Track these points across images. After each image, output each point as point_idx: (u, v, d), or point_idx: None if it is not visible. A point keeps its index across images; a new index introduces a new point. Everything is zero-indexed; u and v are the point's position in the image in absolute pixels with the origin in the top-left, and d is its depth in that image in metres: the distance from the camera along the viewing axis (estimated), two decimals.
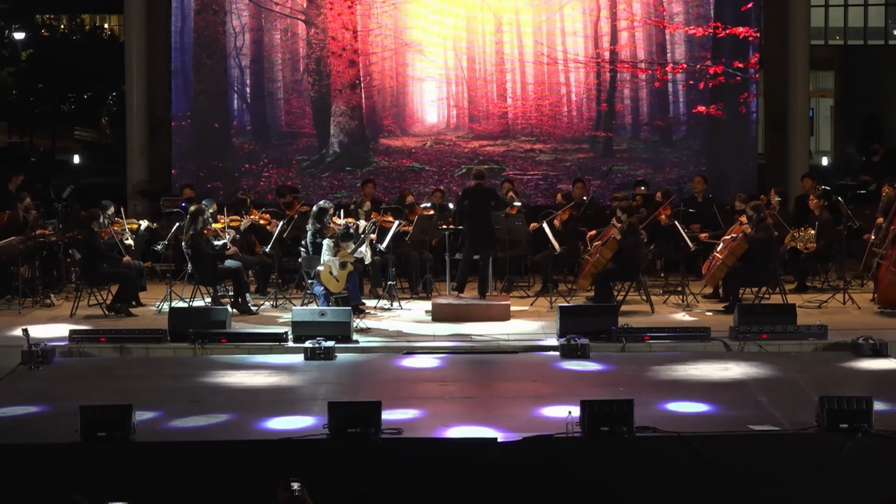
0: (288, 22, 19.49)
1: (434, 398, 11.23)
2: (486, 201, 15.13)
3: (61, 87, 43.87)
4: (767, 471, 9.43)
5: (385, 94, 19.53)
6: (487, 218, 15.10)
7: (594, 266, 14.86)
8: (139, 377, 11.98)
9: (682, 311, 14.89)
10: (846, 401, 9.60)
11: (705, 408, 10.70)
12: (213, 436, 9.94)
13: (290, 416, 10.43)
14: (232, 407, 10.77)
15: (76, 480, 9.06)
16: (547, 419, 10.19)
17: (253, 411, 10.59)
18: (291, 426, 10.05)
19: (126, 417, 9.58)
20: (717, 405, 10.77)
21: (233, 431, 10.07)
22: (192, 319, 13.41)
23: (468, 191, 15.29)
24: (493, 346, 13.26)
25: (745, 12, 19.20)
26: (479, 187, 15.14)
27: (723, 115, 19.27)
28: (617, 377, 11.92)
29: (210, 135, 19.38)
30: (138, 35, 19.44)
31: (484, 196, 15.12)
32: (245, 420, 10.38)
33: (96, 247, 14.84)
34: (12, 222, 15.89)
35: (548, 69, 19.41)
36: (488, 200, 15.17)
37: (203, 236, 14.80)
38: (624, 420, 9.56)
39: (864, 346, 12.59)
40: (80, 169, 36.82)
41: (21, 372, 12.13)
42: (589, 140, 19.44)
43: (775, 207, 16.51)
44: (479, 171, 15.46)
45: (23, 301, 15.14)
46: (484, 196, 15.12)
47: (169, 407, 10.78)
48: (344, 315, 13.36)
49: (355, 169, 19.34)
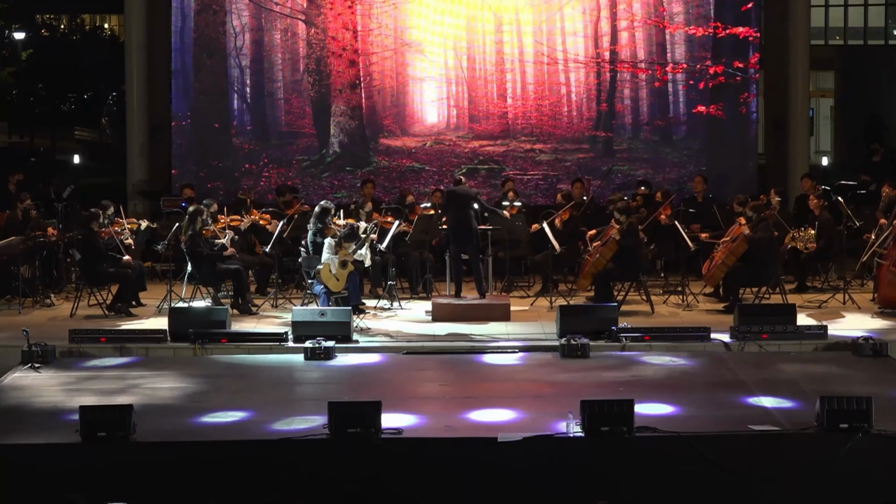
0: (288, 22, 19.49)
1: (434, 398, 11.23)
2: (465, 203, 15.10)
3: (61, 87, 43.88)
4: (767, 471, 9.43)
5: (385, 94, 19.53)
6: (467, 219, 15.03)
7: (594, 266, 14.86)
8: (139, 377, 11.97)
9: (682, 311, 14.89)
10: (846, 401, 9.60)
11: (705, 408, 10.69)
12: (213, 436, 9.94)
13: (289, 416, 10.42)
14: (232, 407, 10.76)
15: (76, 480, 9.07)
16: (547, 419, 10.18)
17: (253, 411, 10.58)
18: (291, 426, 10.05)
19: (126, 417, 9.58)
20: (716, 405, 10.76)
21: (233, 431, 10.06)
22: (192, 319, 13.41)
23: (447, 193, 15.66)
24: (493, 346, 13.26)
25: (745, 12, 19.21)
26: (457, 189, 15.41)
27: (723, 115, 19.27)
28: (617, 377, 11.91)
29: (210, 135, 19.38)
30: (138, 35, 19.46)
31: (462, 198, 15.13)
32: (245, 420, 10.37)
33: (96, 247, 14.83)
34: (12, 222, 15.89)
35: (548, 69, 19.42)
36: (468, 202, 15.12)
37: (202, 237, 14.80)
38: (624, 420, 9.56)
39: (864, 346, 12.58)
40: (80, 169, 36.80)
41: (21, 371, 12.12)
42: (589, 140, 19.44)
43: (775, 207, 16.50)
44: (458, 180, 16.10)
45: (23, 301, 15.14)
46: (462, 198, 15.13)
47: (169, 407, 10.78)
48: (344, 315, 13.36)
49: (355, 169, 19.34)
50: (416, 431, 9.89)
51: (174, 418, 10.42)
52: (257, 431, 10.02)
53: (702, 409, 10.64)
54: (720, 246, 14.99)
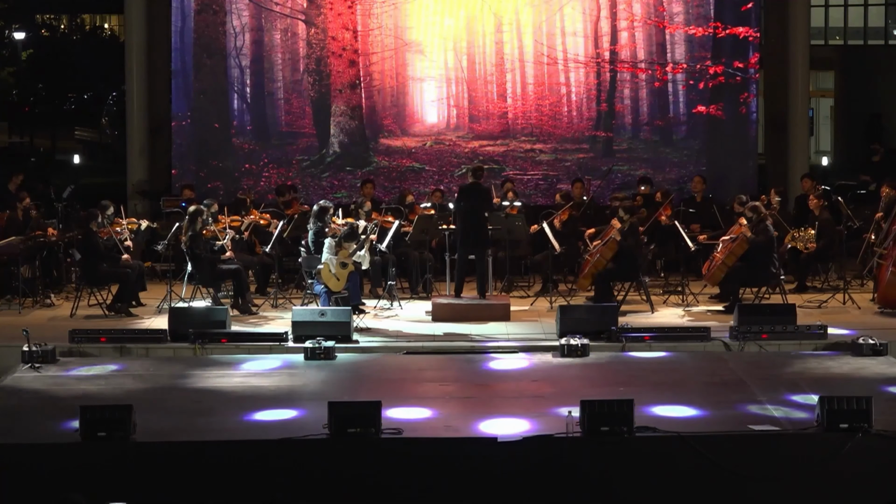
0: (288, 22, 19.49)
1: (434, 398, 11.22)
2: (482, 200, 15.05)
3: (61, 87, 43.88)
4: (767, 471, 9.43)
5: (385, 94, 19.54)
6: (482, 218, 15.01)
7: (594, 266, 14.86)
8: (139, 377, 11.97)
9: (681, 311, 14.89)
10: (846, 401, 9.60)
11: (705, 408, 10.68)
12: (214, 436, 9.94)
13: (290, 416, 10.42)
14: (232, 407, 10.76)
15: (76, 480, 9.07)
16: (547, 419, 10.18)
17: (253, 411, 10.58)
18: (291, 426, 10.04)
19: (126, 417, 9.58)
20: (716, 405, 10.76)
21: (233, 431, 10.06)
22: (192, 319, 13.41)
23: (464, 189, 15.17)
24: (492, 346, 13.26)
25: (745, 12, 19.21)
26: (476, 186, 15.05)
27: (723, 115, 19.28)
28: (617, 377, 11.91)
29: (210, 135, 19.38)
30: (138, 35, 19.46)
31: (480, 195, 15.03)
32: (245, 420, 10.37)
33: (95, 247, 14.83)
34: (12, 222, 15.89)
35: (548, 69, 19.42)
36: (484, 200, 15.09)
37: (202, 237, 14.80)
38: (624, 420, 9.56)
39: (864, 346, 12.58)
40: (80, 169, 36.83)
41: (21, 372, 12.12)
42: (589, 140, 19.45)
43: (775, 207, 16.51)
44: (478, 169, 15.27)
45: (23, 301, 15.15)
46: (480, 195, 15.03)
47: (169, 407, 10.78)
48: (344, 315, 13.36)
49: (355, 169, 19.34)
50: (416, 431, 9.89)
51: (174, 418, 10.42)
52: (258, 431, 10.02)
53: (701, 409, 10.63)
54: (720, 246, 15.00)
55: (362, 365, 12.62)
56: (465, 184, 15.39)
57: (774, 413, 10.38)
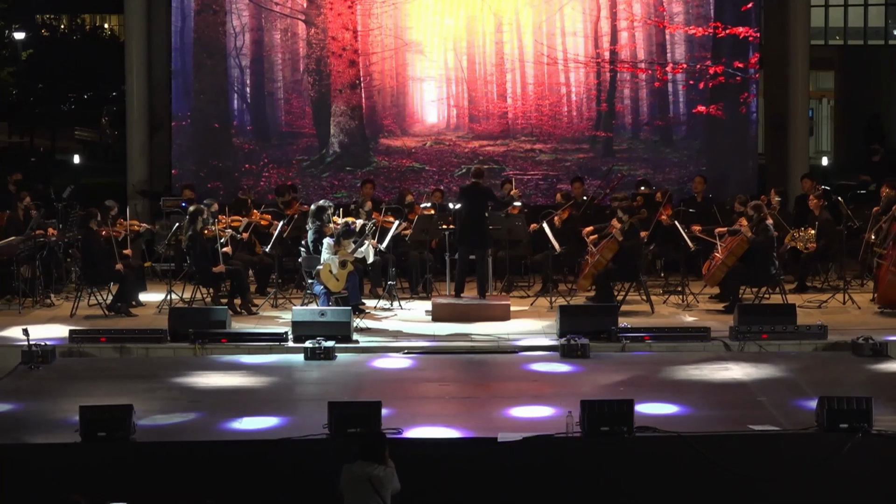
0: (288, 22, 19.49)
1: (434, 398, 11.23)
2: (483, 201, 15.05)
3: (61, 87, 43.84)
4: (767, 471, 9.43)
5: (385, 94, 19.53)
6: (482, 218, 15.03)
7: (594, 266, 14.87)
8: (139, 377, 11.97)
9: (681, 311, 14.89)
10: (846, 401, 9.60)
11: (705, 408, 10.69)
12: (213, 436, 9.94)
13: (289, 416, 10.42)
14: (232, 407, 10.76)
15: (76, 480, 9.07)
16: (547, 419, 10.18)
17: (253, 411, 10.58)
18: (291, 426, 10.04)
19: (126, 417, 9.58)
20: (717, 405, 10.76)
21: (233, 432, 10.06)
22: (192, 319, 13.41)
23: (464, 189, 15.24)
24: (493, 346, 13.26)
25: (745, 12, 19.21)
26: (476, 186, 15.07)
27: (723, 115, 19.27)
28: (617, 377, 11.91)
29: (210, 135, 19.37)
30: (138, 35, 19.45)
31: (480, 195, 15.04)
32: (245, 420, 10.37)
33: (95, 246, 14.83)
34: (12, 222, 15.89)
35: (548, 69, 19.42)
36: (485, 200, 15.10)
37: (202, 237, 14.79)
38: (624, 420, 9.56)
39: (864, 346, 12.58)
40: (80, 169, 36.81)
41: (21, 372, 12.12)
42: (589, 140, 19.44)
43: (775, 207, 16.51)
44: (479, 170, 15.34)
45: (23, 301, 15.15)
46: (480, 195, 15.04)
47: (169, 407, 10.78)
48: (344, 315, 13.36)
49: (355, 169, 19.34)
50: (416, 431, 9.89)
51: (174, 418, 10.42)
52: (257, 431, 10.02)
53: (702, 409, 10.64)
54: (720, 245, 14.99)
55: (362, 365, 12.61)
56: (465, 184, 15.41)
57: (774, 413, 10.39)
